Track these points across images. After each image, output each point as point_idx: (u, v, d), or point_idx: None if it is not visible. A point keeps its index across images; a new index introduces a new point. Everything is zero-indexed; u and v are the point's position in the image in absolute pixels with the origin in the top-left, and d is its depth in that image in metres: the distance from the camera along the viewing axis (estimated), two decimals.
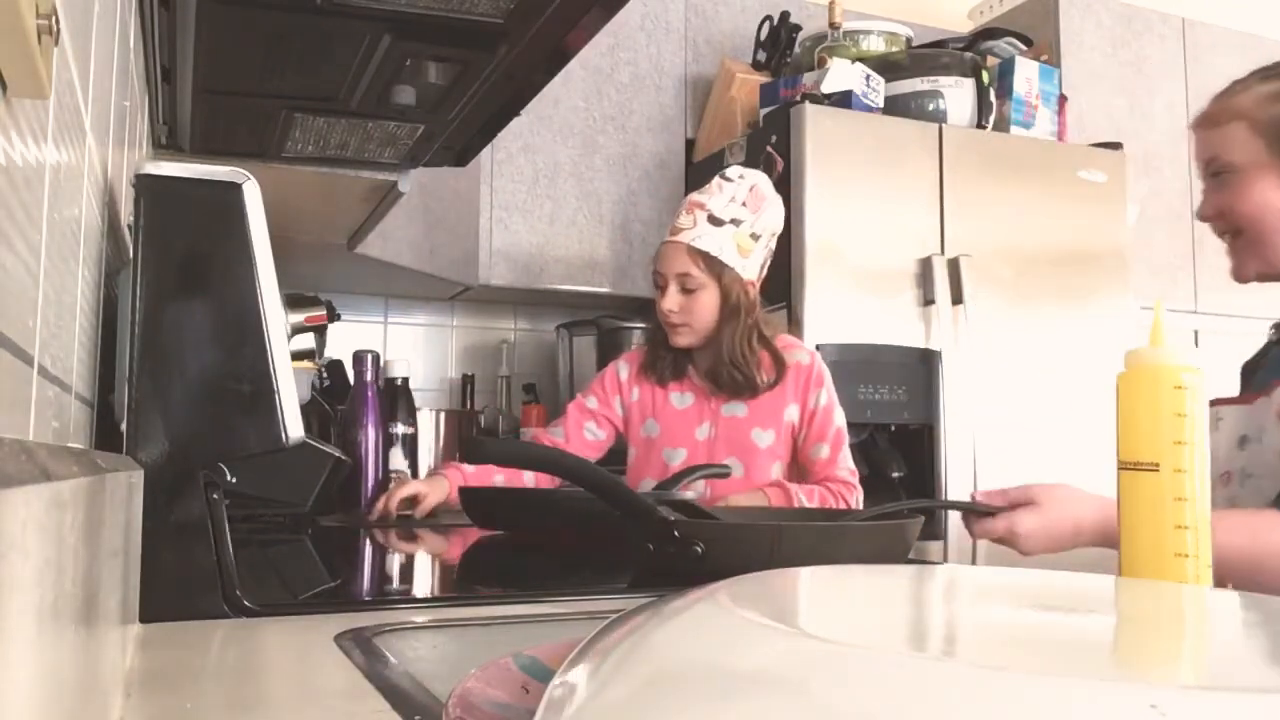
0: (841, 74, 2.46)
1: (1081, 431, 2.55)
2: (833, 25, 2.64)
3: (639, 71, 2.84)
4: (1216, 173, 1.25)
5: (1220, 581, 1.12)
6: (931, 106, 2.56)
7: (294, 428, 0.82)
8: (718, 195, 1.83)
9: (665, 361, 1.89)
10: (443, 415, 2.33)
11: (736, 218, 1.82)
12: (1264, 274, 1.27)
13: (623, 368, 1.98)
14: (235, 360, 0.81)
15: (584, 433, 1.94)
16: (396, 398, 2.09)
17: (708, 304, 1.80)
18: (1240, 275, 1.28)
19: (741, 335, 1.80)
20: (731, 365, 1.80)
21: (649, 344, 1.96)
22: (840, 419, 1.84)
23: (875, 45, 2.67)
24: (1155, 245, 3.08)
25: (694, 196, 1.85)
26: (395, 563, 1.35)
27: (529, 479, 1.82)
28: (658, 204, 2.81)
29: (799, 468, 1.85)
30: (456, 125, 1.29)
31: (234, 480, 0.86)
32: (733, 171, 1.86)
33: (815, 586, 0.47)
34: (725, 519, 1.20)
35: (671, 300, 1.80)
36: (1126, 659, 0.35)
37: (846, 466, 1.82)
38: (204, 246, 0.82)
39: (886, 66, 2.58)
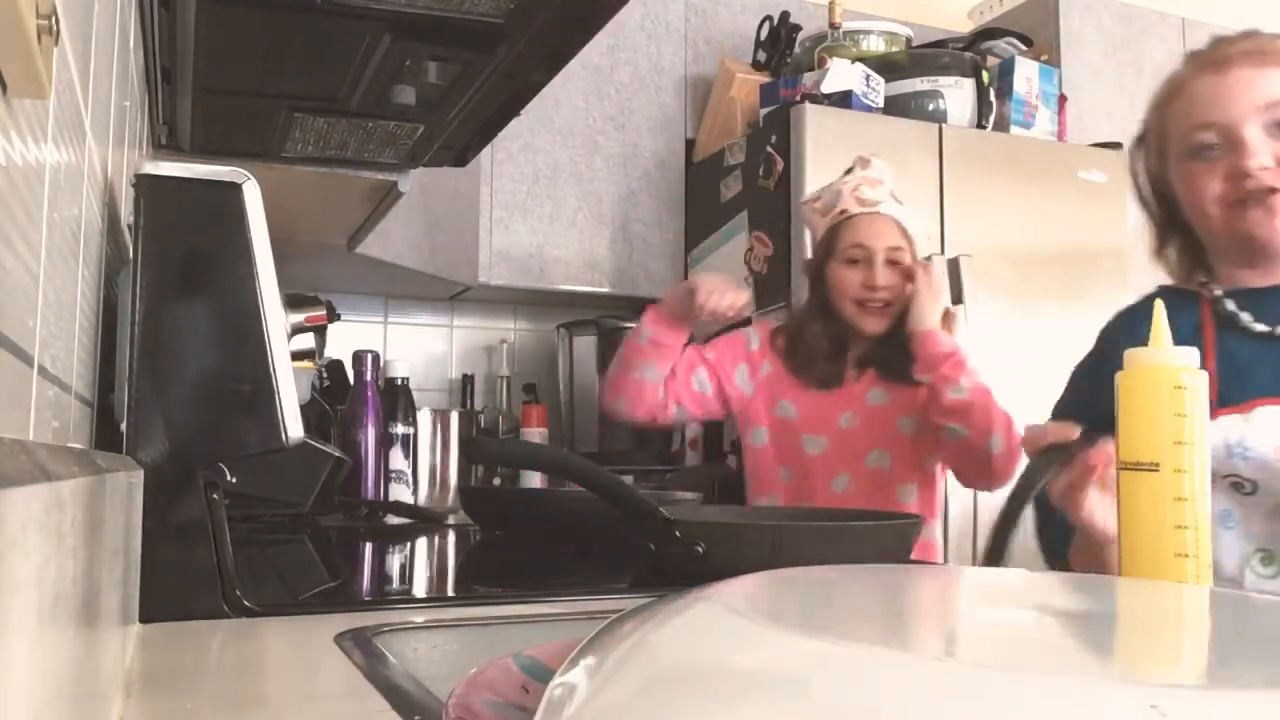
0: (841, 74, 2.46)
1: None
2: (833, 25, 2.64)
3: (639, 71, 2.84)
4: None
5: None
6: (931, 106, 2.56)
7: (294, 428, 0.82)
8: (885, 172, 1.73)
9: (820, 361, 1.69)
10: (443, 415, 2.33)
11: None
12: None
13: (753, 336, 1.79)
14: (235, 360, 0.81)
15: (692, 379, 1.75)
16: (396, 398, 2.09)
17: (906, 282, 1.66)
18: None
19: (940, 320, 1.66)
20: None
21: (799, 339, 1.74)
22: None
23: (875, 45, 2.67)
24: None
25: (864, 173, 1.72)
26: (395, 563, 1.35)
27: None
28: (658, 204, 2.81)
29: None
30: (456, 125, 1.29)
31: (234, 480, 0.86)
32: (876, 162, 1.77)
33: (815, 586, 0.47)
34: (725, 519, 1.20)
35: (884, 275, 1.63)
36: (1126, 659, 0.35)
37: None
38: (204, 246, 0.82)
39: (886, 66, 2.57)
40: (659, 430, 1.88)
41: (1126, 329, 1.23)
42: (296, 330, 1.59)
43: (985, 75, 2.60)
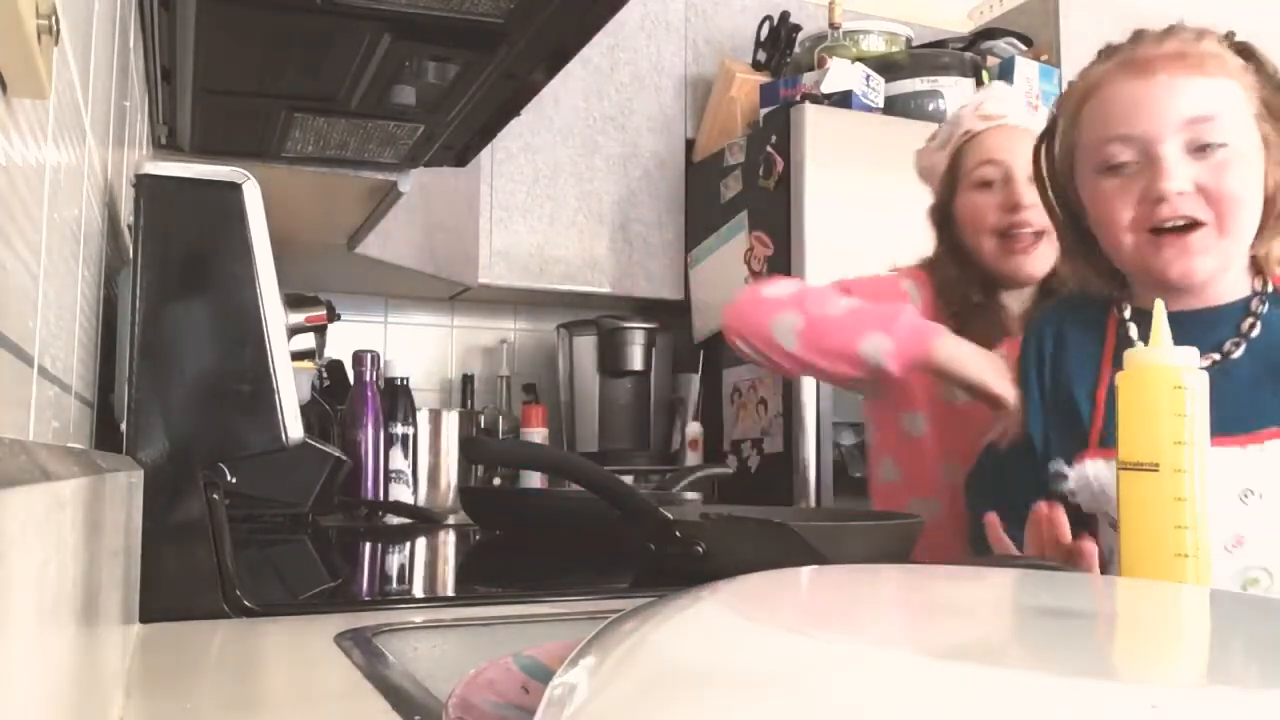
0: (841, 74, 2.45)
1: None
2: (833, 25, 2.64)
3: (639, 71, 2.84)
4: (1205, 144, 0.97)
5: None
6: (931, 106, 2.56)
7: (294, 428, 0.83)
8: (1009, 91, 1.44)
9: (974, 317, 1.29)
10: (443, 415, 2.33)
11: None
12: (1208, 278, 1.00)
13: (911, 288, 1.38)
14: (235, 360, 0.81)
15: None
16: (396, 398, 2.09)
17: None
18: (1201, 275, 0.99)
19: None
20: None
21: (945, 297, 1.35)
22: None
23: (875, 45, 2.67)
24: None
25: (986, 91, 1.46)
26: (395, 563, 1.35)
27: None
28: (658, 204, 2.81)
29: None
30: (456, 125, 1.29)
31: (234, 480, 0.86)
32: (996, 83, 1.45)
33: (815, 586, 0.47)
34: (725, 519, 1.20)
35: (1029, 193, 1.25)
36: (1126, 659, 0.35)
37: None
38: (204, 246, 0.82)
39: (886, 66, 2.57)
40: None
41: (1034, 336, 1.15)
42: (296, 330, 1.59)
43: (985, 75, 2.60)
